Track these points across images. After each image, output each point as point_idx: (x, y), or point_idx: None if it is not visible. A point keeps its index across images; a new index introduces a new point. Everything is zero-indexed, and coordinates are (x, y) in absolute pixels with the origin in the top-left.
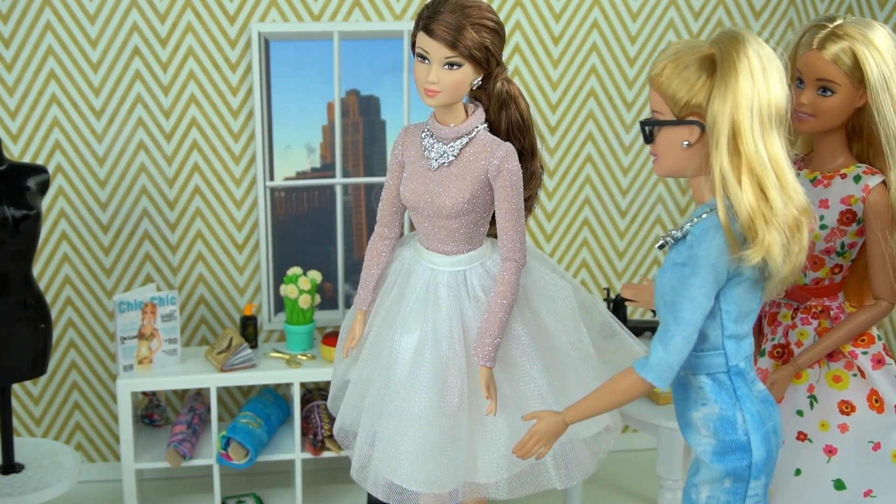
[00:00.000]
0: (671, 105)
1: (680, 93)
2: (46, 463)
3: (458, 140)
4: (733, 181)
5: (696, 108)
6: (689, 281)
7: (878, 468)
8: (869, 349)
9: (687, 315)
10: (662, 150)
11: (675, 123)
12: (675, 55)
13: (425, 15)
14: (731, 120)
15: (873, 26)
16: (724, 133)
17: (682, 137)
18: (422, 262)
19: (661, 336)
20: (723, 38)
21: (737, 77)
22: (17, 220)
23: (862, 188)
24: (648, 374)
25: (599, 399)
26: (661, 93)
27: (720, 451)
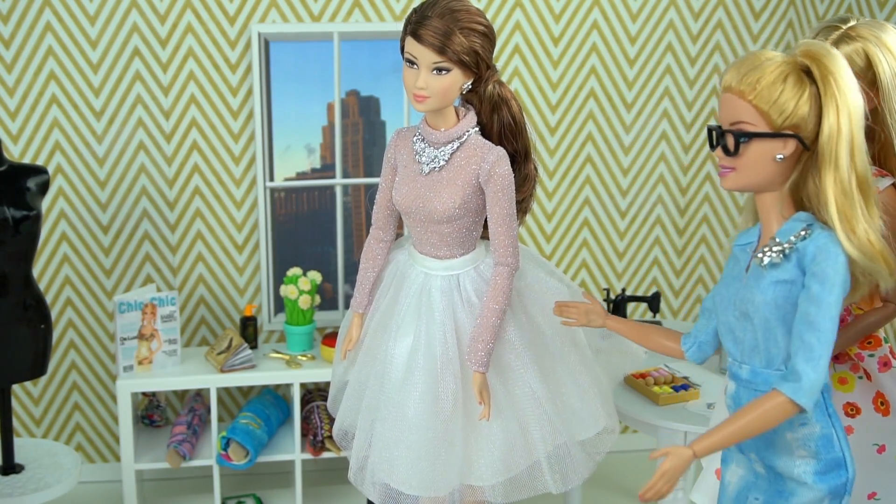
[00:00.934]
0: (768, 118)
1: (782, 106)
2: (46, 463)
3: (449, 144)
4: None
5: (797, 121)
6: (825, 299)
7: (882, 471)
8: (875, 352)
9: (830, 335)
10: (748, 162)
11: (773, 136)
12: (765, 66)
13: (413, 19)
14: (850, 133)
15: (886, 28)
16: (844, 147)
17: (776, 150)
18: (415, 266)
19: (807, 357)
20: (814, 51)
21: (848, 90)
22: (17, 220)
23: None
24: (803, 398)
25: (739, 426)
26: (754, 104)
27: (823, 471)
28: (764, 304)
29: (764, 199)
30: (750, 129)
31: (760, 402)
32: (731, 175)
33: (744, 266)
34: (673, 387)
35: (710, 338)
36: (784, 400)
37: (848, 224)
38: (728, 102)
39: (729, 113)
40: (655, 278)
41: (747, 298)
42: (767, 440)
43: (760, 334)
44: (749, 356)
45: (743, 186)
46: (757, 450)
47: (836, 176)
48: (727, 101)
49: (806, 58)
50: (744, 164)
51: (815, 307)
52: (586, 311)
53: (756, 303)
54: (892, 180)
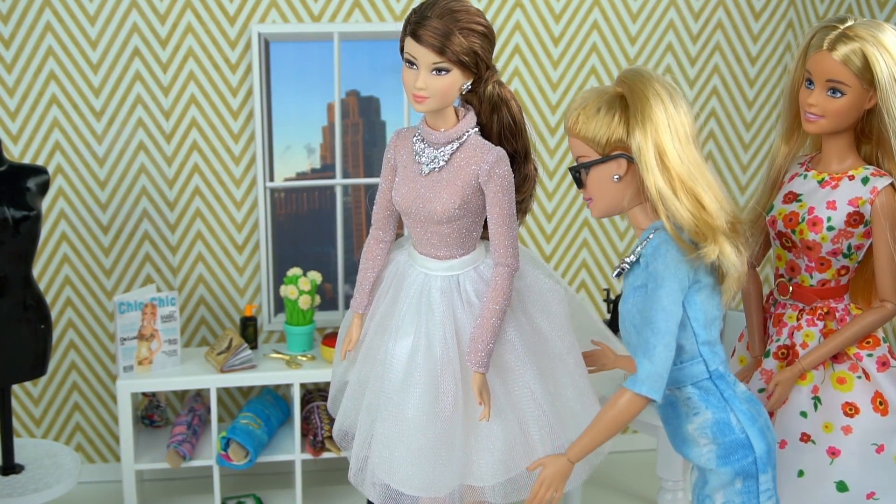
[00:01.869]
0: (594, 146)
1: (600, 132)
2: (46, 464)
3: (449, 145)
4: (670, 194)
5: (618, 143)
6: (656, 294)
7: (881, 470)
8: (874, 351)
9: (662, 324)
10: (596, 189)
11: (602, 161)
12: (584, 102)
13: (413, 20)
14: (654, 142)
15: (884, 28)
16: (651, 155)
17: (611, 172)
18: (415, 266)
19: (643, 351)
20: (628, 77)
21: (650, 106)
22: (17, 220)
23: (870, 190)
24: (642, 388)
25: (599, 429)
26: (581, 138)
27: (723, 454)
28: (627, 311)
29: (632, 214)
30: (585, 161)
31: (613, 400)
32: (591, 205)
33: None
34: None
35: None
36: (630, 394)
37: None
38: (569, 142)
39: (573, 151)
40: None
41: (620, 308)
42: (679, 437)
43: (634, 338)
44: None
45: (603, 212)
46: (677, 448)
47: (652, 180)
48: (569, 141)
49: (619, 85)
50: (593, 192)
51: (650, 303)
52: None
53: (623, 312)
54: (891, 180)
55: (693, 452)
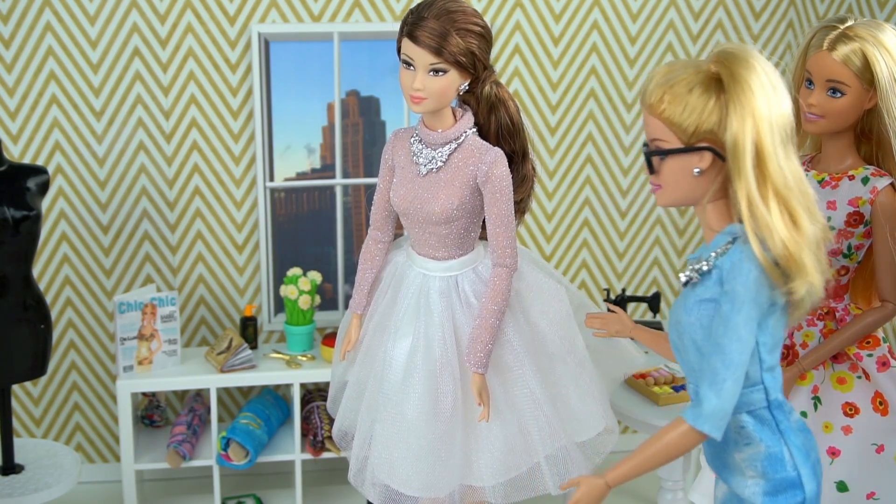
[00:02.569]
0: (678, 132)
1: (689, 118)
2: (46, 464)
3: (447, 145)
4: (763, 208)
5: (707, 134)
6: (731, 320)
7: (881, 471)
8: (874, 351)
9: (736, 356)
10: (669, 179)
11: (685, 151)
12: (672, 78)
13: (409, 21)
14: (754, 141)
15: (884, 28)
16: (748, 156)
17: (692, 165)
18: (414, 267)
19: (710, 382)
20: (726, 56)
21: (753, 95)
22: (17, 220)
23: (870, 190)
24: (704, 426)
25: (647, 456)
26: (664, 120)
27: (771, 491)
28: (689, 324)
29: (697, 212)
30: (664, 146)
31: (667, 429)
32: (658, 192)
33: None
34: (673, 387)
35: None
36: (687, 428)
37: (761, 234)
38: (645, 120)
39: (648, 130)
40: (655, 278)
41: (678, 318)
42: (721, 460)
43: (692, 355)
44: (691, 374)
45: (671, 202)
46: (717, 470)
47: (744, 186)
48: (645, 119)
49: (716, 64)
50: (665, 182)
51: (723, 328)
52: (613, 322)
53: (682, 323)
54: (891, 180)
55: (736, 482)
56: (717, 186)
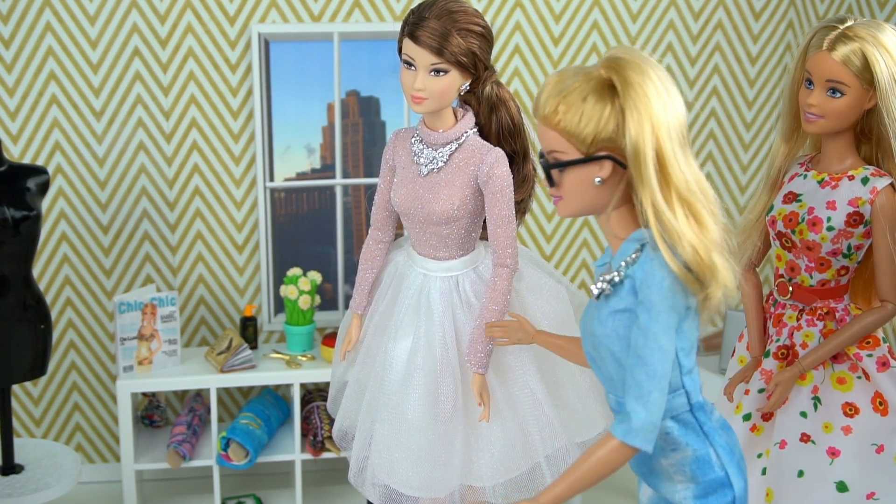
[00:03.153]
0: (576, 143)
1: (587, 128)
2: (46, 464)
3: (448, 146)
4: (669, 213)
5: (605, 142)
6: (650, 330)
7: (881, 471)
8: (874, 351)
9: (659, 367)
10: (571, 191)
11: (585, 161)
12: (565, 88)
13: (410, 21)
14: (654, 147)
15: (884, 28)
16: (650, 162)
17: (592, 175)
18: (414, 267)
19: (636, 395)
20: (617, 62)
21: (649, 101)
22: (17, 220)
23: (870, 190)
24: (635, 440)
25: (578, 476)
26: (560, 131)
27: (702, 494)
28: (605, 336)
29: (600, 221)
30: (562, 157)
31: (596, 447)
32: (560, 203)
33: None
34: None
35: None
36: (617, 444)
37: (669, 240)
38: (540, 132)
39: (544, 142)
40: None
41: (591, 330)
42: (647, 466)
43: (611, 366)
44: (610, 385)
45: (574, 213)
46: (643, 476)
47: (648, 193)
48: (540, 131)
49: (606, 69)
50: (567, 193)
51: (643, 339)
52: (514, 329)
53: (597, 335)
54: (891, 180)
55: (665, 487)
56: (620, 193)
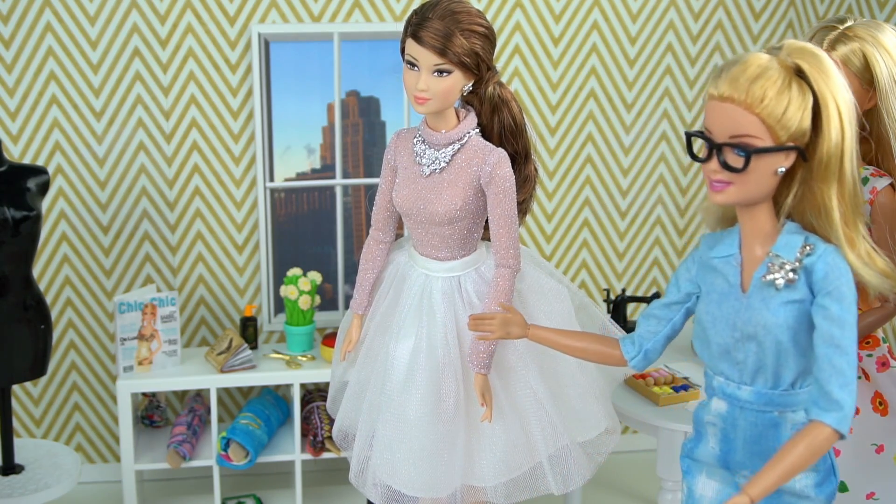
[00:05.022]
0: (777, 130)
1: (793, 117)
2: (46, 464)
3: (450, 146)
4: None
5: (801, 133)
6: (846, 319)
7: (880, 471)
8: (874, 352)
9: (855, 356)
10: (752, 178)
11: (778, 150)
12: (765, 73)
13: (414, 21)
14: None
15: (883, 28)
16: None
17: (778, 164)
18: (416, 267)
19: (842, 384)
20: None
21: (844, 97)
22: (17, 221)
23: (869, 190)
24: (845, 427)
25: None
26: (763, 117)
27: (821, 482)
28: (776, 326)
29: (753, 211)
30: (757, 144)
31: (805, 435)
32: (729, 189)
33: (733, 282)
34: (673, 387)
35: (659, 346)
36: (830, 432)
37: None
38: (728, 113)
39: (728, 125)
40: (655, 278)
41: (753, 320)
42: (766, 456)
43: (770, 356)
44: (752, 377)
45: (741, 201)
46: (753, 466)
47: (841, 188)
48: (726, 112)
49: (798, 59)
50: (747, 180)
51: (839, 329)
52: (504, 322)
53: (768, 325)
54: (890, 180)
55: None
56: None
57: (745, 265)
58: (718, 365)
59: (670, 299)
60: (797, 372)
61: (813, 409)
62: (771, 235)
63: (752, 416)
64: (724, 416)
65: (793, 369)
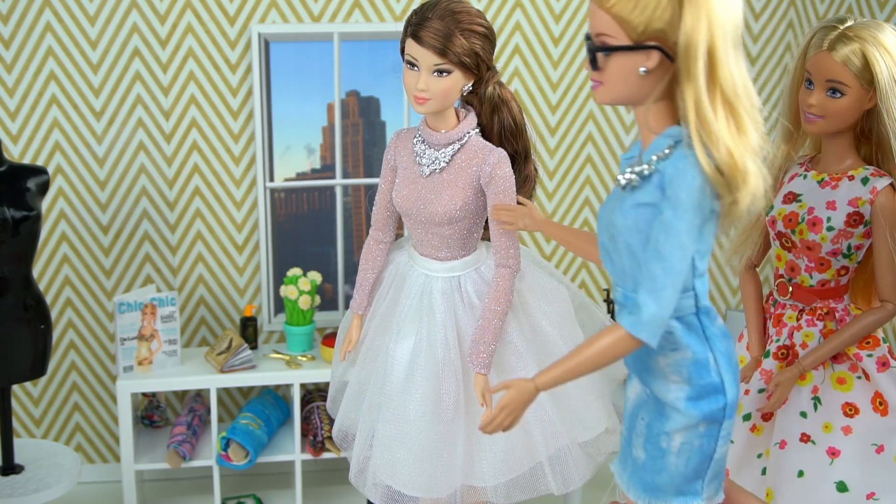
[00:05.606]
0: (627, 29)
1: (641, 16)
2: (46, 464)
3: (450, 146)
4: (710, 113)
5: (657, 33)
6: (674, 226)
7: (881, 471)
8: (874, 352)
9: (677, 264)
10: (614, 77)
11: (633, 49)
12: None
13: (413, 21)
14: (708, 44)
15: (884, 28)
16: (700, 59)
17: (638, 64)
18: (416, 267)
19: (649, 289)
20: None
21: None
22: (17, 221)
23: (870, 190)
24: (642, 333)
25: (578, 362)
26: (613, 15)
27: (695, 397)
28: (625, 227)
29: (637, 112)
30: (610, 42)
31: (601, 335)
32: (600, 89)
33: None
34: None
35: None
36: (623, 334)
37: (706, 140)
38: (592, 12)
39: (593, 24)
40: None
41: (611, 220)
42: (643, 364)
43: (626, 259)
44: (621, 278)
45: (612, 100)
46: (638, 372)
47: (692, 90)
48: (592, 11)
49: None
50: (609, 79)
51: (665, 234)
52: (522, 215)
53: (618, 226)
54: (890, 180)
55: (658, 386)
56: (663, 87)
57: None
58: (605, 265)
59: None
60: None
61: (619, 311)
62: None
63: None
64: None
65: None
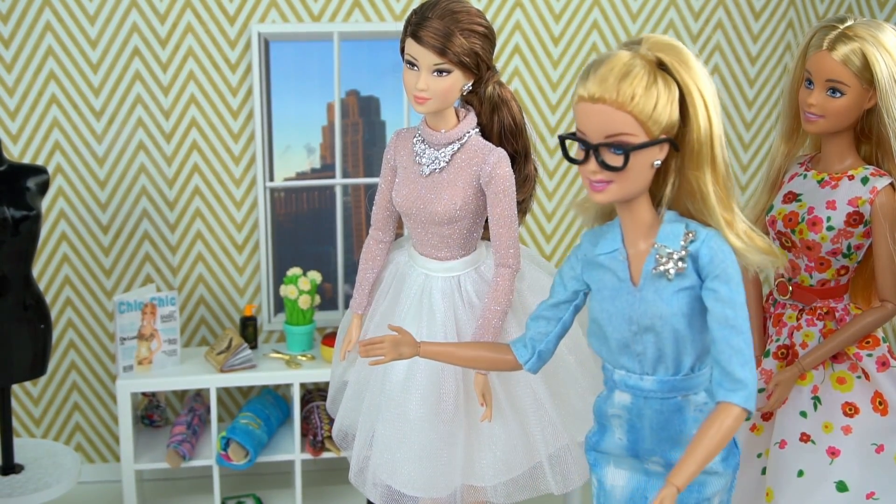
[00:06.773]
0: (650, 126)
1: (663, 112)
2: (46, 464)
3: (450, 146)
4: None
5: (672, 124)
6: (736, 299)
7: (881, 470)
8: (874, 351)
9: (749, 332)
10: (631, 175)
11: (653, 144)
12: (630, 71)
13: (413, 21)
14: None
15: (884, 28)
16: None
17: (653, 157)
18: (415, 267)
19: (742, 362)
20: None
21: (707, 84)
22: (17, 220)
23: (869, 190)
24: (751, 404)
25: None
26: (635, 114)
27: (726, 456)
28: (672, 315)
29: (632, 205)
30: (633, 141)
31: (715, 418)
32: (610, 188)
33: (623, 276)
34: None
35: (552, 346)
36: (739, 411)
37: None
38: (601, 114)
39: (602, 125)
40: None
41: (649, 312)
42: (674, 440)
43: (669, 345)
44: (653, 367)
45: (622, 197)
46: (662, 452)
47: (715, 173)
48: (598, 113)
49: (659, 53)
50: (627, 177)
51: (731, 309)
52: (395, 344)
53: (664, 315)
54: (890, 180)
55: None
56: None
57: (631, 259)
58: (618, 359)
59: (557, 299)
60: (695, 356)
61: (719, 391)
62: (653, 227)
63: (656, 404)
64: (628, 407)
65: (691, 354)
